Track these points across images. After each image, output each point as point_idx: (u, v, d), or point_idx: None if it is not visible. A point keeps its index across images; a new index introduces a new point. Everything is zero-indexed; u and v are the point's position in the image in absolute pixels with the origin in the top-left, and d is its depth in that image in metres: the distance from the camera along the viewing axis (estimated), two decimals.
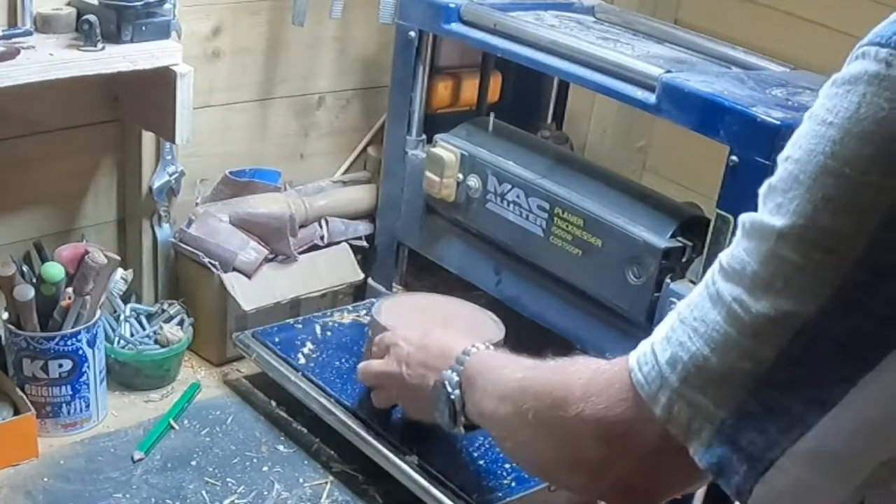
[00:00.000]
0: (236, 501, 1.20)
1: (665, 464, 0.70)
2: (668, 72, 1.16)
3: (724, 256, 0.65)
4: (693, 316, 0.65)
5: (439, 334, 1.17)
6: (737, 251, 0.63)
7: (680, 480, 0.74)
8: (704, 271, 1.12)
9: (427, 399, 1.11)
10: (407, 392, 1.17)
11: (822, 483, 0.61)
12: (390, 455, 1.22)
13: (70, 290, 1.26)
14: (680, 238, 1.21)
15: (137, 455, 1.26)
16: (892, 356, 0.57)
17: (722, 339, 0.63)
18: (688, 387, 0.64)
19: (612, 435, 0.71)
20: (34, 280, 1.26)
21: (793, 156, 0.61)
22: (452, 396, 1.05)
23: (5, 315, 1.26)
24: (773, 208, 0.61)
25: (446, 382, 1.06)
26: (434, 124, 1.50)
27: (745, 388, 0.62)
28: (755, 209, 0.65)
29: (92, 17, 1.19)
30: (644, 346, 0.70)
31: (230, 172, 1.53)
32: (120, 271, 1.38)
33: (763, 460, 0.61)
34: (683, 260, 1.20)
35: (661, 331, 0.68)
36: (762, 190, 0.63)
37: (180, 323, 1.44)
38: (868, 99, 0.57)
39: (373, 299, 1.57)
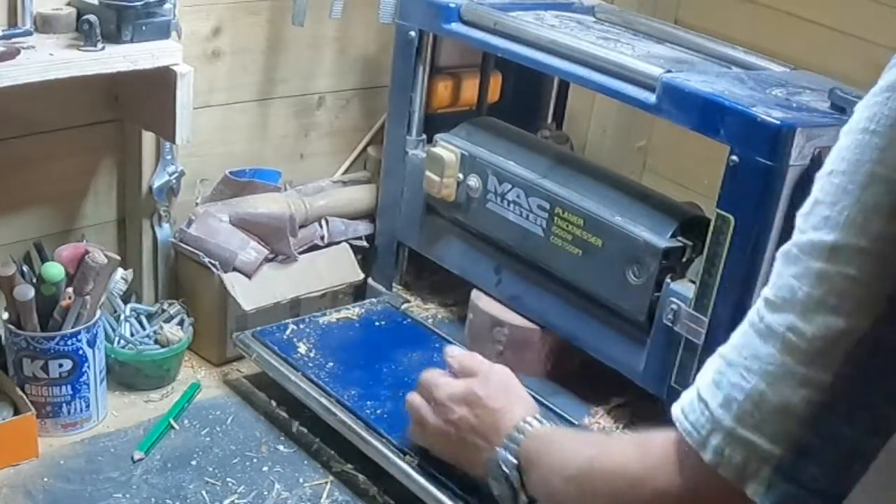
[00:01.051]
0: (236, 501, 1.20)
1: None
2: (669, 72, 1.16)
3: (767, 291, 0.65)
4: (743, 356, 0.65)
5: (486, 397, 1.12)
6: (782, 281, 0.64)
7: None
8: (704, 271, 1.13)
9: (477, 462, 1.09)
10: (453, 450, 1.14)
11: None
12: (390, 455, 1.22)
13: (70, 290, 1.26)
14: (680, 238, 1.21)
15: (137, 455, 1.26)
16: None
17: (778, 371, 0.63)
18: (743, 426, 0.64)
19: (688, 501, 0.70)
20: (34, 280, 1.26)
21: (837, 168, 0.62)
22: (511, 478, 1.03)
23: (5, 315, 1.26)
24: (818, 223, 0.62)
25: (502, 463, 1.04)
26: (434, 124, 1.50)
27: (802, 419, 0.62)
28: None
29: (92, 17, 1.19)
30: (687, 395, 0.69)
31: (230, 172, 1.53)
32: (120, 271, 1.38)
33: (834, 496, 0.62)
34: (683, 260, 1.20)
35: (704, 378, 0.68)
36: (802, 211, 0.64)
37: (180, 323, 1.44)
38: None
39: (373, 299, 1.57)
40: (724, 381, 0.66)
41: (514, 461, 1.03)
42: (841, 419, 0.61)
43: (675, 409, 0.70)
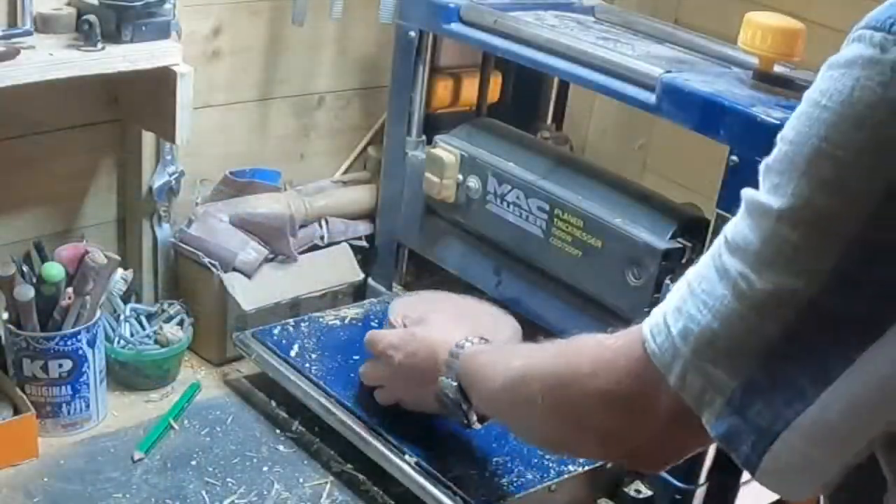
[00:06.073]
0: (236, 501, 1.20)
1: (675, 432, 0.72)
2: (668, 72, 1.16)
3: (728, 229, 0.66)
4: (701, 288, 0.66)
5: (423, 334, 1.19)
6: (740, 227, 0.65)
7: (688, 445, 0.77)
8: None
9: (430, 401, 1.15)
10: (409, 396, 1.22)
11: (821, 455, 0.62)
12: (390, 455, 1.22)
13: (70, 290, 1.26)
14: (680, 239, 1.21)
15: (137, 455, 1.26)
16: (888, 335, 0.59)
17: (729, 314, 0.64)
18: (700, 358, 0.66)
19: (623, 408, 0.74)
20: (34, 280, 1.26)
21: (787, 136, 0.63)
22: (458, 401, 1.09)
23: (5, 315, 1.26)
24: (770, 188, 0.63)
25: (447, 391, 1.10)
26: (434, 124, 1.50)
27: (753, 361, 0.63)
28: None
29: (92, 17, 1.19)
30: (656, 315, 0.71)
31: (230, 172, 1.53)
32: (120, 271, 1.38)
33: (769, 432, 0.63)
34: (683, 261, 1.20)
35: (671, 300, 0.70)
36: (761, 167, 0.65)
37: (180, 323, 1.44)
38: (862, 83, 0.58)
39: (373, 299, 1.57)
40: (685, 310, 0.67)
41: (455, 384, 1.08)
42: (788, 366, 0.62)
43: (645, 328, 0.71)
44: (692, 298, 0.67)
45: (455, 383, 1.08)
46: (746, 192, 0.65)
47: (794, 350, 0.62)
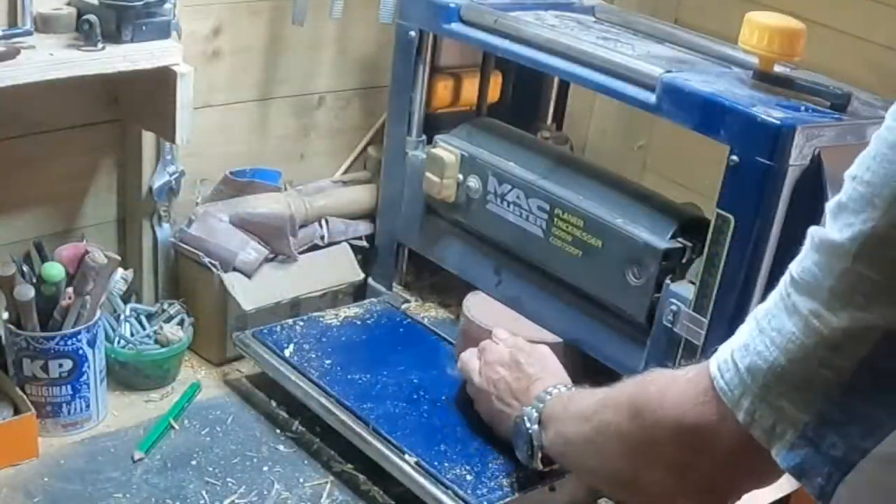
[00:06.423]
0: (236, 501, 1.20)
1: (744, 463, 0.73)
2: (669, 71, 1.16)
3: (794, 268, 0.67)
4: (770, 326, 0.68)
5: (527, 366, 1.21)
6: (807, 264, 0.66)
7: (759, 478, 0.77)
8: (704, 272, 1.13)
9: (507, 421, 1.18)
10: (491, 410, 1.23)
11: None
12: (390, 455, 1.22)
13: (70, 289, 1.26)
14: (680, 239, 1.21)
15: (137, 455, 1.26)
16: None
17: (800, 350, 0.65)
18: (770, 393, 0.67)
19: (692, 438, 0.75)
20: (34, 280, 1.26)
21: (863, 177, 0.63)
22: (531, 431, 1.11)
23: (5, 315, 1.26)
24: (843, 227, 0.63)
25: (525, 418, 1.12)
26: (434, 124, 1.50)
27: (825, 395, 0.64)
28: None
29: (92, 17, 1.19)
30: (723, 353, 0.72)
31: (230, 172, 1.53)
32: (120, 271, 1.38)
33: (845, 463, 0.64)
34: (683, 261, 1.20)
35: (739, 337, 0.71)
36: (830, 206, 0.65)
37: (180, 323, 1.44)
38: None
39: (373, 299, 1.57)
40: (752, 347, 0.69)
41: (537, 416, 1.11)
42: (862, 399, 0.63)
43: (713, 366, 0.73)
44: (760, 335, 0.68)
45: (536, 414, 1.11)
46: (813, 230, 0.66)
47: (867, 383, 0.63)
